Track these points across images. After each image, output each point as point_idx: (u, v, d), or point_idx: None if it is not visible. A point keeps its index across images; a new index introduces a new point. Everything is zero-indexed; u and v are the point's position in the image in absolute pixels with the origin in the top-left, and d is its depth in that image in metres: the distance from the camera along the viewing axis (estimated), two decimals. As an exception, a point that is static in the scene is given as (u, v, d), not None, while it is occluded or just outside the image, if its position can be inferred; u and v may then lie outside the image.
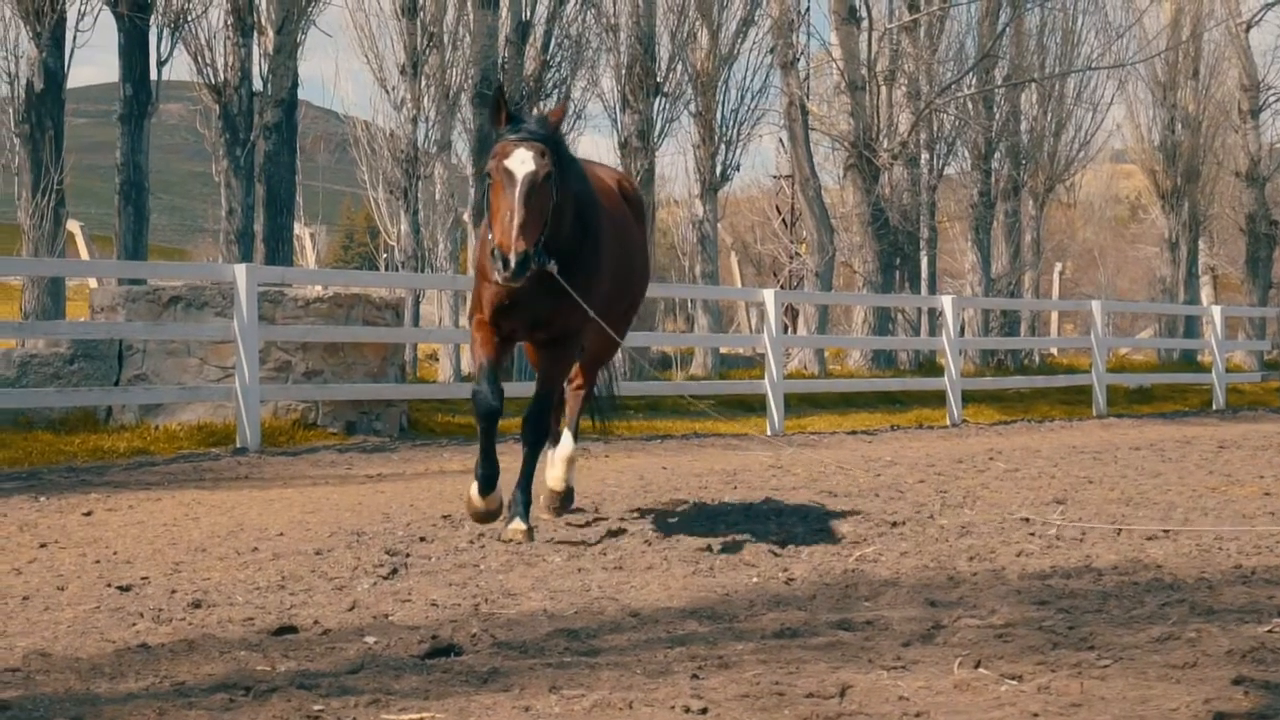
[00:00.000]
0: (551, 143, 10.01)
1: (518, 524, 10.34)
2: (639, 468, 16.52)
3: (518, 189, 9.67)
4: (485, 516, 10.51)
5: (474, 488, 10.49)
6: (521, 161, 9.77)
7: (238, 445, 17.65)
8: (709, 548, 9.92)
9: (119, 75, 25.60)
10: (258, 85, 27.22)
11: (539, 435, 10.64)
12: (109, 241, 27.96)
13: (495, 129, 10.09)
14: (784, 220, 48.71)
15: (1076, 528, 10.92)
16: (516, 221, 9.54)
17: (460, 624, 7.05)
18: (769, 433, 22.92)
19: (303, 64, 32.13)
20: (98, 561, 9.62)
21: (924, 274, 41.73)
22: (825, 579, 8.63)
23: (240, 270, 17.96)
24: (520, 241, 9.47)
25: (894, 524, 11.23)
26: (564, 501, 11.64)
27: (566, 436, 11.74)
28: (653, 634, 6.88)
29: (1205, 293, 49.82)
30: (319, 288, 20.43)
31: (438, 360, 29.86)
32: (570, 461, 11.65)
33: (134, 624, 7.41)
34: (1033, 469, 16.29)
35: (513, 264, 9.40)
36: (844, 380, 29.25)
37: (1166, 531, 10.72)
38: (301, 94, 28.74)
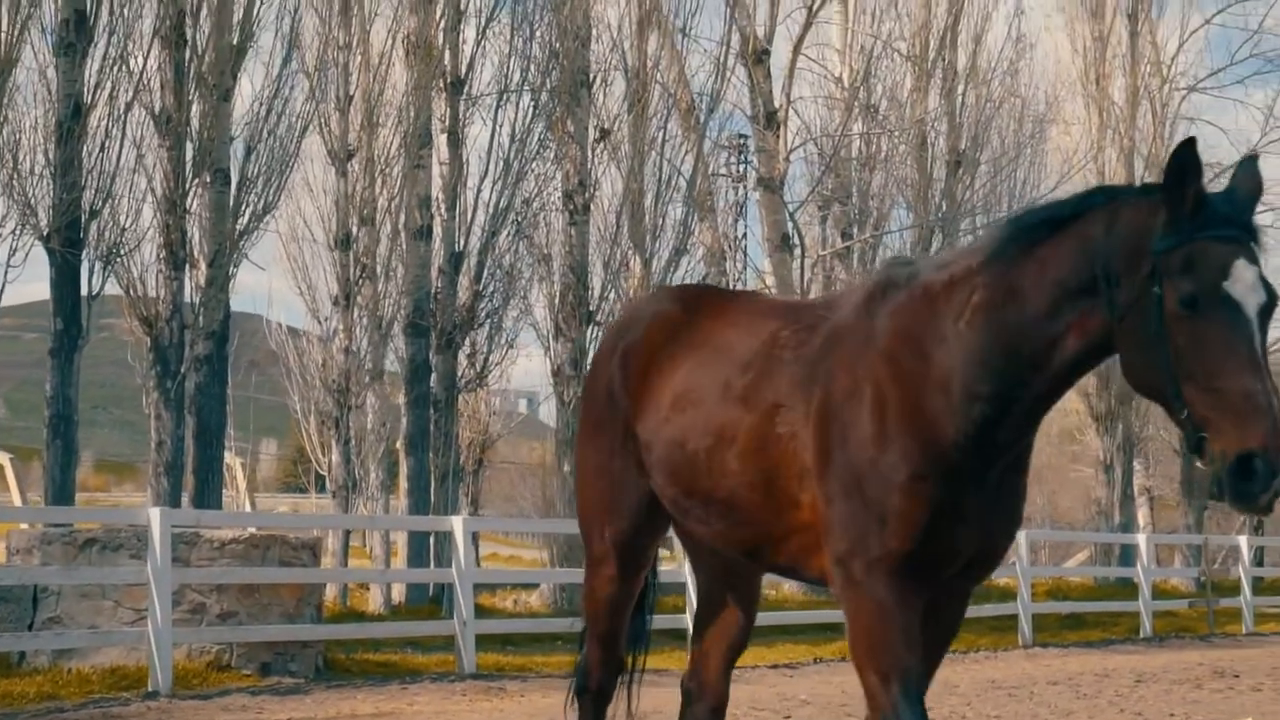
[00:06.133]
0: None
1: None
2: (552, 709, 16.46)
3: (1256, 336, 5.84)
4: None
5: None
6: (1252, 287, 5.87)
7: (149, 689, 17.58)
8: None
9: (50, 309, 25.87)
10: (190, 316, 27.44)
11: None
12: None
13: (1176, 215, 5.90)
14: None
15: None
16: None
17: None
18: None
19: (252, 277, 32.67)
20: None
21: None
22: None
23: (154, 514, 18.03)
24: None
25: (783, 780, 11.29)
26: None
27: None
28: None
29: (1141, 514, 49.93)
30: (237, 529, 20.48)
31: (368, 588, 29.78)
32: None
33: None
34: (945, 708, 16.33)
35: None
36: (769, 613, 29.22)
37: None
38: (250, 307, 29.06)
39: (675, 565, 22.20)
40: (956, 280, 6.51)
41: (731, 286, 36.59)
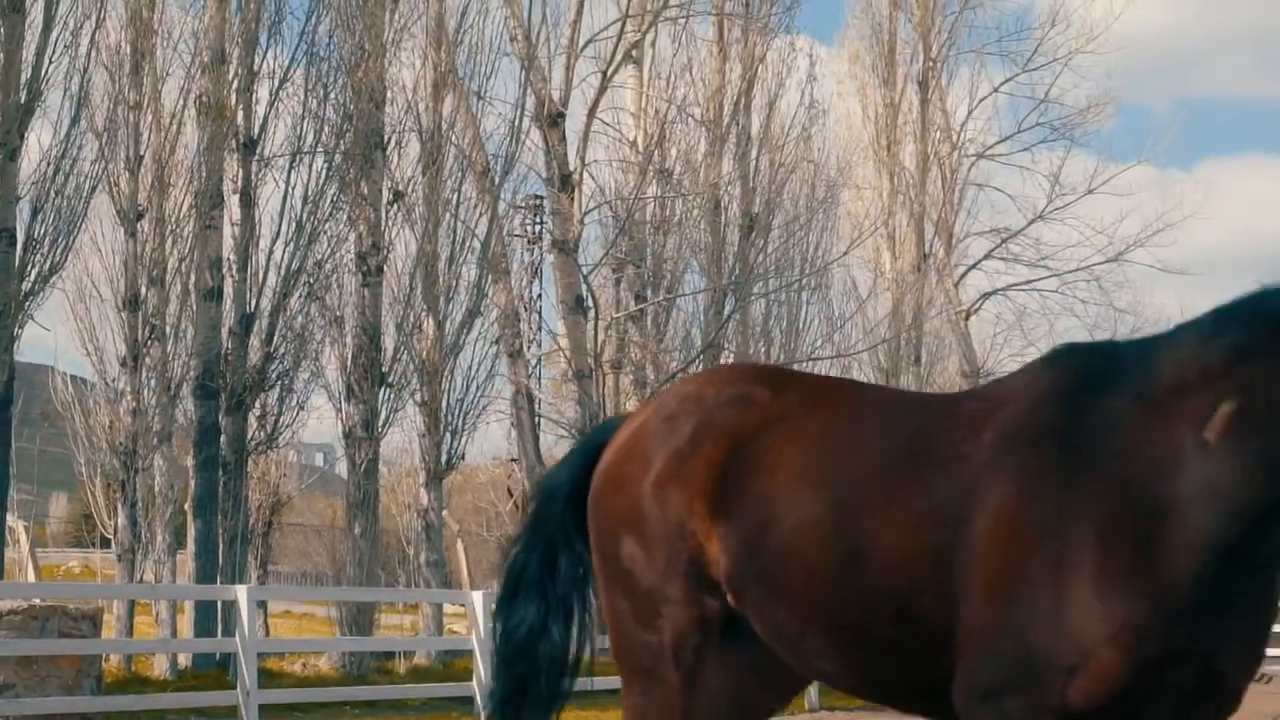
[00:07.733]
0: None
1: None
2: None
3: None
4: None
5: None
6: None
7: (-79, 765, 17.29)
8: None
9: None
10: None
11: None
12: None
13: None
14: (516, 503, 48.74)
15: None
16: None
17: None
18: (479, 734, 22.81)
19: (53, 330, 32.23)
20: None
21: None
22: None
23: (-72, 586, 17.76)
24: None
25: None
26: None
27: None
28: None
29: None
30: (17, 600, 20.14)
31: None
32: None
33: None
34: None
35: None
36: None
37: None
38: (40, 358, 28.58)
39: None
40: (1190, 385, 5.53)
41: (526, 348, 36.68)
